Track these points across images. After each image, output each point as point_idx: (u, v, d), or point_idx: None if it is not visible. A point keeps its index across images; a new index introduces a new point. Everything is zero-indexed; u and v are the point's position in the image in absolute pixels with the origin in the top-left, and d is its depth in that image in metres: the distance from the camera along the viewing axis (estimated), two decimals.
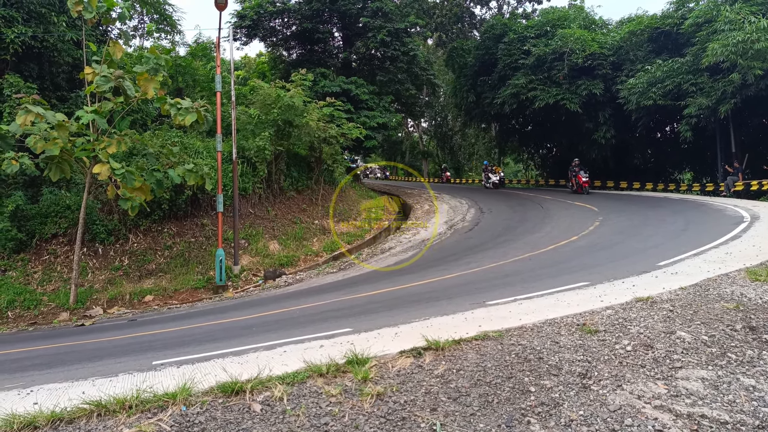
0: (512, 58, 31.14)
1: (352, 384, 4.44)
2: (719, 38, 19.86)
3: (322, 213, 20.55)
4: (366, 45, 26.55)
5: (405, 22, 27.22)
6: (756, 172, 22.26)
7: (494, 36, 33.54)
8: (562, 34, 28.63)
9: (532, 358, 5.03)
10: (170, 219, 16.62)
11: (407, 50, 27.06)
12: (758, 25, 18.36)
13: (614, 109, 27.87)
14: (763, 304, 6.46)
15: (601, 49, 28.30)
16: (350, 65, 28.84)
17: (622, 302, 6.75)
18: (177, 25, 28.55)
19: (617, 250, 12.28)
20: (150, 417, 3.97)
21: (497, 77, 32.52)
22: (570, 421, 3.95)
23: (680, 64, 23.26)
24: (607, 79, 27.98)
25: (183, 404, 4.09)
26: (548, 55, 28.58)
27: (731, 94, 20.48)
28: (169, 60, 15.05)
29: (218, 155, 15.87)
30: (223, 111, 16.94)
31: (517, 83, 29.69)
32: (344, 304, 9.90)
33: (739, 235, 12.01)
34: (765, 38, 18.06)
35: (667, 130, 31.18)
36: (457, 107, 42.01)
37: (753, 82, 19.31)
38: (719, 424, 3.89)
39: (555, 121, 33.30)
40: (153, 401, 4.14)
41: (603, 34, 31.00)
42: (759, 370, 4.74)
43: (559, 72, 28.38)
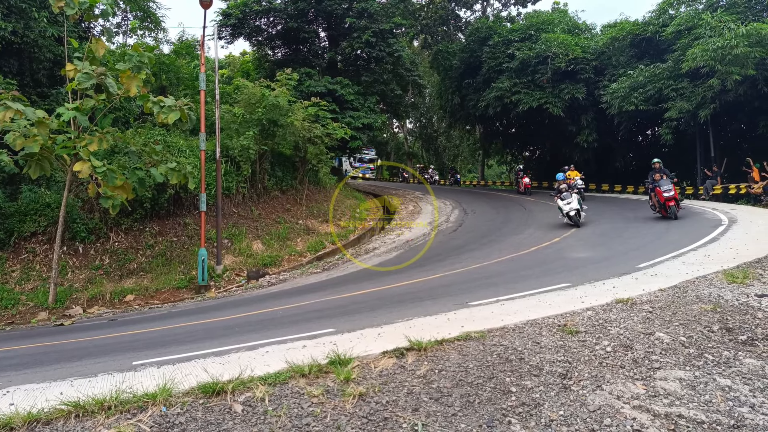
0: (496, 61, 31.35)
1: (335, 384, 4.45)
2: (699, 44, 20.19)
3: (306, 213, 20.48)
4: (351, 45, 26.53)
5: (390, 23, 27.25)
6: (734, 176, 22.64)
7: (479, 39, 33.73)
8: (546, 38, 28.88)
9: (514, 358, 5.07)
10: (152, 218, 16.44)
11: (392, 51, 27.09)
12: (737, 31, 18.70)
13: (597, 113, 28.19)
14: (740, 306, 6.58)
15: (584, 53, 28.60)
16: (336, 65, 28.80)
17: (603, 303, 6.83)
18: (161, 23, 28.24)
19: (599, 251, 12.42)
20: (129, 418, 3.94)
21: (482, 80, 32.70)
22: (550, 421, 3.99)
23: (661, 69, 23.59)
24: (589, 84, 28.29)
25: (163, 405, 4.06)
26: (532, 58, 28.82)
27: (711, 99, 20.83)
28: (153, 58, 14.88)
29: (202, 154, 15.75)
30: (207, 110, 16.81)
31: (501, 86, 29.89)
32: (328, 304, 9.88)
33: (717, 237, 12.22)
34: (743, 44, 18.40)
35: (648, 134, 31.63)
36: (442, 109, 42.20)
37: (732, 88, 19.65)
38: (696, 423, 3.96)
39: (538, 124, 33.58)
40: (132, 402, 4.10)
41: (586, 38, 31.33)
42: (735, 371, 4.83)
43: (542, 76, 28.62)
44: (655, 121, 26.54)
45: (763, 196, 19.59)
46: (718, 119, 23.29)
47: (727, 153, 24.07)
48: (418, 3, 41.00)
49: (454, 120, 40.87)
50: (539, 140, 36.63)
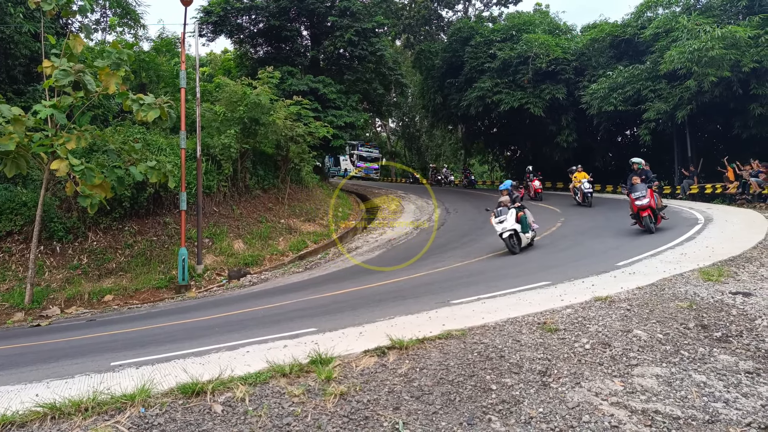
0: (478, 61, 31.52)
1: (316, 384, 4.44)
2: (676, 46, 20.51)
3: (288, 212, 20.38)
4: (334, 44, 26.47)
5: (372, 22, 27.24)
6: (710, 175, 23.05)
7: (461, 39, 33.87)
8: (527, 39, 29.11)
9: (494, 356, 5.11)
10: (131, 217, 16.23)
11: (375, 50, 27.09)
12: (713, 34, 19.03)
13: (577, 113, 28.49)
14: (715, 303, 6.71)
15: (565, 54, 28.89)
16: (318, 64, 28.70)
17: (582, 301, 6.91)
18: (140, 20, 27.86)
19: (578, 250, 12.57)
20: (107, 419, 3.89)
21: (464, 80, 32.85)
22: (530, 418, 4.03)
23: (640, 70, 23.92)
24: (570, 84, 28.59)
25: (142, 406, 4.02)
26: (513, 59, 29.03)
27: (688, 100, 21.19)
28: (132, 55, 14.69)
29: (182, 152, 15.59)
30: (187, 108, 16.65)
31: (483, 86, 30.08)
32: (309, 303, 9.86)
33: (694, 236, 12.43)
34: (719, 47, 18.73)
35: (627, 134, 32.06)
36: (425, 108, 42.31)
37: (708, 89, 19.99)
38: (672, 419, 4.03)
39: (519, 124, 33.83)
40: (110, 403, 4.05)
41: (567, 39, 31.64)
42: (709, 367, 4.93)
43: (523, 76, 28.86)
44: (634, 122, 26.93)
45: (738, 196, 19.98)
46: (695, 120, 23.68)
47: (704, 153, 24.50)
48: (401, 2, 41.10)
49: (437, 119, 41.00)
50: (520, 140, 36.90)
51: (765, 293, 7.15)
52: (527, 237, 13.09)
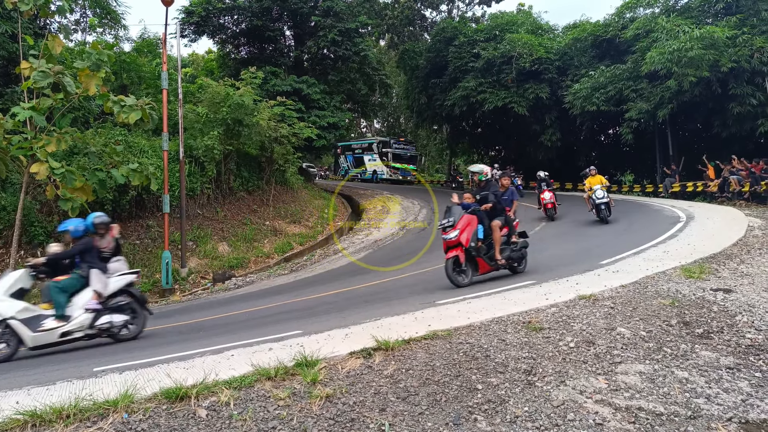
0: (462, 61, 31.65)
1: (301, 387, 4.41)
2: (656, 47, 20.76)
3: (273, 214, 20.29)
4: (317, 44, 26.41)
5: (356, 22, 27.24)
6: (691, 173, 23.38)
7: (445, 39, 34.00)
8: (511, 39, 29.29)
9: (480, 356, 5.12)
10: (114, 220, 15.99)
11: (358, 50, 27.09)
12: (692, 35, 19.30)
13: (560, 113, 28.73)
14: (696, 300, 6.80)
15: (548, 54, 29.11)
16: (302, 64, 28.62)
17: (566, 300, 6.95)
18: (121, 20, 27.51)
19: (563, 248, 12.66)
20: (89, 426, 3.83)
21: (448, 80, 32.97)
22: (515, 417, 4.04)
23: (621, 70, 24.20)
24: (553, 84, 28.82)
25: (125, 411, 3.96)
26: (497, 58, 29.19)
27: (668, 100, 21.47)
28: (113, 56, 14.51)
29: (164, 154, 15.45)
30: (170, 109, 16.50)
31: (467, 86, 30.21)
32: (295, 305, 9.83)
33: (676, 234, 12.58)
34: (698, 47, 18.99)
35: (609, 133, 32.41)
36: (409, 108, 42.38)
37: (688, 89, 20.28)
38: (655, 415, 4.07)
39: (504, 124, 34.04)
40: (93, 409, 3.99)
41: (549, 39, 31.89)
42: (692, 363, 4.99)
43: (507, 76, 29.03)
44: (616, 121, 27.20)
45: (719, 194, 20.29)
46: (676, 119, 24.01)
47: (685, 152, 24.84)
48: (384, 2, 41.08)
49: (421, 119, 41.08)
50: (504, 140, 37.13)
51: (745, 290, 7.26)
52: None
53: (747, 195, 18.97)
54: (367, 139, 43.69)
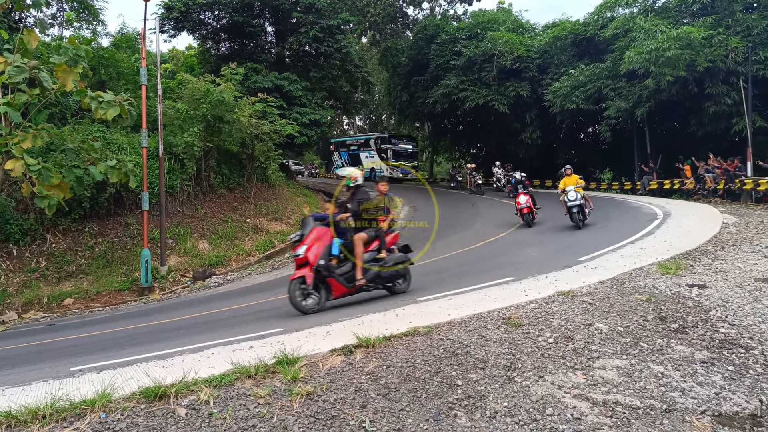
0: (444, 59, 31.77)
1: (282, 384, 4.40)
2: (635, 46, 21.04)
3: (254, 211, 20.16)
4: (299, 41, 26.25)
5: (337, 19, 27.12)
6: (669, 171, 23.76)
7: (427, 37, 34.09)
8: (492, 37, 29.46)
9: (460, 352, 5.16)
10: (92, 218, 15.81)
11: (340, 47, 26.99)
12: (669, 34, 19.59)
13: (540, 111, 28.99)
14: (672, 296, 6.92)
15: (528, 52, 29.34)
16: (283, 61, 28.42)
17: (545, 296, 7.03)
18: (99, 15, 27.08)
19: (542, 246, 12.78)
20: (66, 426, 3.78)
21: (430, 77, 33.08)
22: (495, 412, 4.08)
23: (601, 69, 24.48)
24: (533, 82, 29.06)
25: (102, 411, 3.92)
26: (478, 56, 29.34)
27: (646, 99, 21.78)
28: (90, 51, 14.23)
29: (143, 151, 15.26)
30: (149, 105, 16.30)
31: (448, 83, 30.35)
32: (276, 303, 9.77)
33: (653, 231, 12.78)
34: (675, 47, 19.29)
35: (589, 132, 32.80)
36: (391, 106, 42.44)
37: (665, 88, 20.60)
38: (631, 409, 4.15)
39: (485, 121, 34.24)
40: (69, 409, 3.94)
41: (530, 37, 32.13)
42: (667, 358, 5.08)
43: (488, 74, 29.19)
44: (596, 120, 27.54)
45: (695, 191, 20.66)
46: (654, 118, 24.37)
47: (662, 150, 25.23)
48: None
49: (403, 117, 41.16)
50: (486, 137, 37.35)
51: (719, 285, 7.41)
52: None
53: (722, 192, 19.35)
54: (364, 134, 42.15)
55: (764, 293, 7.05)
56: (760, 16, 20.91)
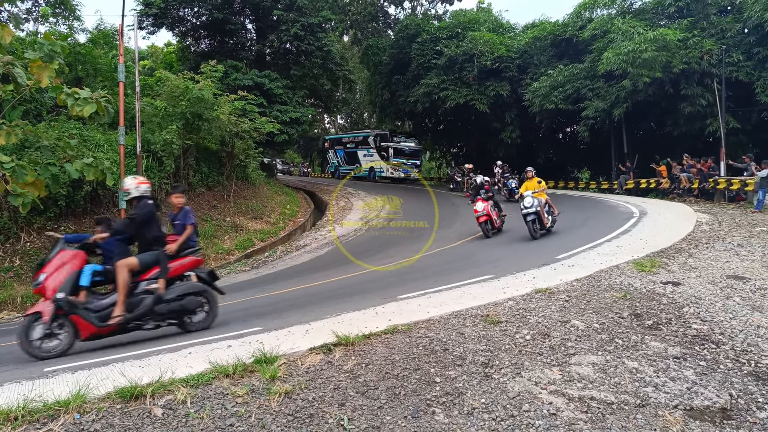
0: (425, 58, 31.89)
1: (260, 383, 4.39)
2: (612, 48, 21.33)
3: (234, 210, 20.00)
4: (279, 38, 26.09)
5: (318, 17, 27.02)
6: (645, 171, 24.15)
7: (408, 36, 34.18)
8: (472, 37, 29.63)
9: (439, 349, 5.19)
10: (68, 216, 15.53)
11: (321, 45, 26.90)
12: (646, 36, 19.90)
13: (520, 110, 29.24)
14: (647, 293, 7.05)
15: (508, 52, 29.57)
16: (264, 58, 28.24)
17: (523, 293, 7.11)
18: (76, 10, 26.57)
19: (520, 244, 12.90)
20: (39, 428, 3.72)
21: (411, 76, 33.17)
22: (472, 409, 4.12)
23: (579, 69, 24.77)
24: (513, 82, 29.30)
25: (77, 412, 3.86)
26: (459, 56, 29.49)
27: (624, 99, 22.11)
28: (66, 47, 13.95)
29: (121, 149, 15.04)
30: (127, 102, 16.06)
31: (429, 83, 30.47)
32: (256, 302, 9.74)
33: (629, 229, 12.99)
34: (651, 49, 19.60)
35: (567, 131, 33.18)
36: (372, 104, 42.45)
37: (642, 89, 20.92)
38: (606, 404, 4.22)
39: (465, 121, 34.42)
40: (42, 410, 3.88)
41: (510, 38, 32.38)
42: (641, 354, 5.18)
43: (469, 73, 29.36)
44: (574, 119, 27.88)
45: (670, 190, 21.03)
46: (631, 118, 24.75)
47: (639, 149, 25.65)
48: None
49: (384, 115, 41.19)
50: (466, 137, 37.57)
51: (692, 282, 7.57)
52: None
53: (696, 192, 19.72)
54: (362, 131, 40.16)
55: (735, 290, 7.23)
56: (733, 19, 21.35)
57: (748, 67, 20.05)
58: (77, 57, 21.34)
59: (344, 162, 37.56)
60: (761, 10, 18.80)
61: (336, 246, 16.93)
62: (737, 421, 4.10)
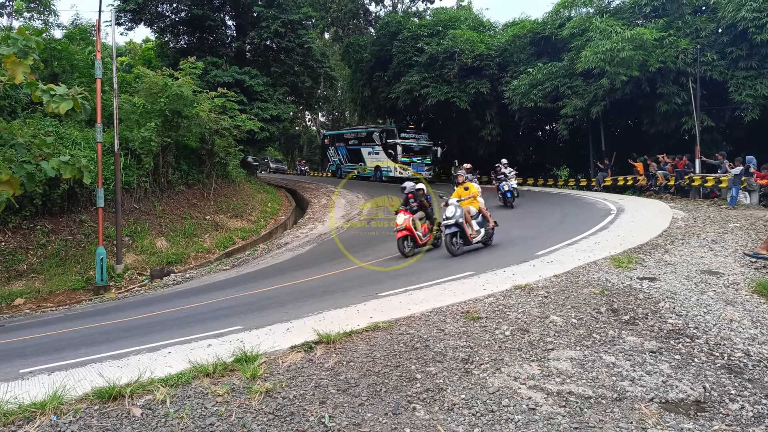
0: (406, 55, 31.93)
1: (241, 382, 4.38)
2: (590, 46, 21.58)
3: (214, 208, 19.84)
4: (260, 35, 25.90)
5: (299, 13, 26.87)
6: (622, 168, 24.48)
7: (389, 33, 34.19)
8: (453, 35, 29.74)
9: (419, 346, 5.22)
10: (44, 215, 15.28)
11: (302, 42, 26.76)
12: (623, 35, 20.17)
13: (500, 108, 29.43)
14: (624, 289, 7.16)
15: (489, 50, 29.73)
16: (244, 55, 28.01)
17: (503, 290, 7.18)
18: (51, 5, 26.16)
19: (500, 240, 12.99)
20: (14, 430, 3.67)
21: (392, 74, 33.19)
22: (453, 405, 4.16)
23: (558, 68, 25.00)
24: (493, 79, 29.48)
25: (53, 413, 3.82)
26: (440, 54, 29.58)
27: (602, 97, 22.39)
28: (41, 42, 13.74)
29: (98, 146, 14.82)
30: (104, 99, 15.83)
31: (410, 80, 30.54)
32: (236, 301, 9.68)
33: (607, 226, 13.17)
34: (628, 48, 19.87)
35: (546, 129, 33.50)
36: (354, 102, 42.39)
37: (619, 87, 21.21)
38: (584, 399, 4.29)
39: (446, 118, 34.54)
40: (18, 413, 3.82)
41: (490, 36, 32.53)
42: (618, 348, 5.27)
43: (450, 71, 29.48)
44: (553, 117, 28.15)
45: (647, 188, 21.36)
46: (608, 116, 25.08)
47: (617, 147, 25.99)
48: None
49: (366, 113, 41.13)
50: (447, 134, 37.65)
51: (668, 278, 7.70)
52: None
53: (672, 189, 20.07)
54: (366, 126, 36.60)
55: (709, 285, 7.38)
56: (707, 19, 21.73)
57: (721, 66, 20.43)
58: (53, 53, 20.99)
59: (346, 160, 35.43)
60: (734, 10, 19.17)
61: (317, 244, 16.89)
62: (710, 413, 4.20)
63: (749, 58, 19.57)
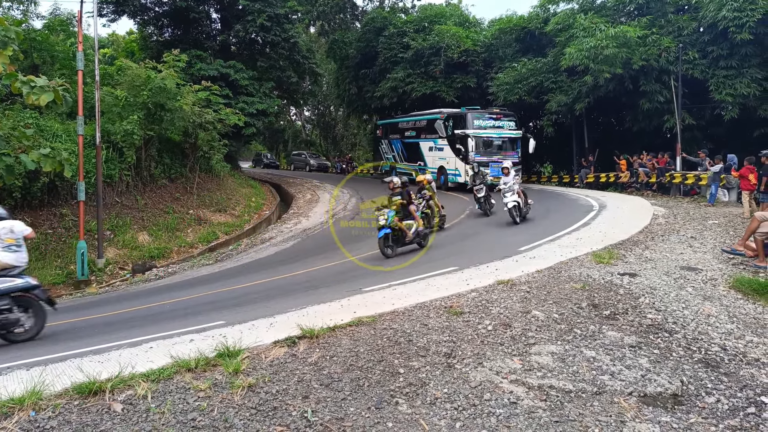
0: (392, 51, 31.88)
1: (223, 377, 4.37)
2: (575, 43, 21.73)
3: (197, 202, 19.67)
4: (245, 29, 25.67)
5: (285, 7, 26.68)
6: (605, 165, 24.73)
7: (375, 29, 34.10)
8: (439, 30, 29.76)
9: (403, 340, 5.25)
10: (23, 208, 15.00)
11: (288, 37, 26.56)
12: (607, 33, 20.33)
13: (485, 105, 29.50)
14: (605, 284, 7.25)
15: (475, 46, 29.81)
16: (229, 49, 27.75)
17: (486, 285, 7.23)
18: None
19: (484, 236, 13.09)
20: None
21: (378, 70, 33.14)
22: (435, 399, 4.19)
23: (543, 63, 25.16)
24: (479, 75, 29.59)
25: (32, 409, 3.78)
26: (426, 49, 29.60)
27: (585, 94, 22.57)
28: (21, 33, 13.49)
29: (80, 139, 14.60)
30: (86, 91, 15.57)
31: (396, 77, 30.57)
32: (219, 296, 9.64)
33: (589, 222, 13.31)
34: (612, 45, 20.03)
35: (531, 125, 33.62)
36: (339, 98, 42.20)
37: (603, 84, 21.40)
38: (564, 393, 4.35)
39: None
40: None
41: (476, 32, 32.62)
42: (599, 343, 5.34)
43: (436, 67, 29.52)
44: (537, 114, 28.29)
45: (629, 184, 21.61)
46: (592, 113, 25.31)
47: (600, 144, 26.23)
48: None
49: (352, 109, 40.98)
50: None
51: (648, 273, 7.82)
52: None
53: (654, 186, 20.32)
54: (427, 113, 26.98)
55: (688, 281, 7.50)
56: (689, 17, 21.97)
57: (702, 65, 20.69)
58: (32, 44, 20.60)
59: (402, 158, 27.89)
60: (715, 9, 19.40)
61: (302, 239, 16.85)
62: (687, 406, 4.28)
63: (729, 58, 19.83)
